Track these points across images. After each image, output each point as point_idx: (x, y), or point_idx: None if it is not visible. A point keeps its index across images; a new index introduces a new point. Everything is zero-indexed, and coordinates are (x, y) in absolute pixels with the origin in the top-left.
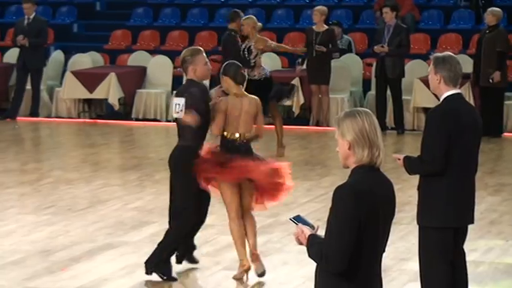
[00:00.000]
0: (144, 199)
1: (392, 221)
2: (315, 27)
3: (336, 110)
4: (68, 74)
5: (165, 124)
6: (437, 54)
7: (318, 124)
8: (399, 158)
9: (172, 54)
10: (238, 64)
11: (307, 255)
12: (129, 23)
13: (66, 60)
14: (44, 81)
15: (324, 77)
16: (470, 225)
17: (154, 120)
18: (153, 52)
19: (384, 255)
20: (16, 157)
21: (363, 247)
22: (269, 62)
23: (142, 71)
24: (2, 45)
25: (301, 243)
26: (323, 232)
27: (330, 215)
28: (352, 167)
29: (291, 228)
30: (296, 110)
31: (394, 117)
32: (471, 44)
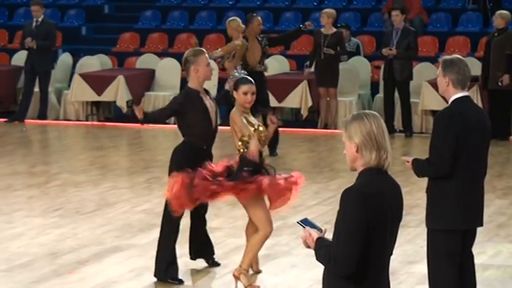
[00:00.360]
0: (152, 202)
1: (400, 223)
2: (323, 30)
3: (344, 113)
4: (76, 76)
5: (174, 127)
6: (445, 57)
7: (326, 127)
8: (408, 161)
9: (181, 57)
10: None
11: (315, 258)
12: (138, 25)
13: (75, 62)
14: (52, 84)
15: (332, 79)
16: (479, 228)
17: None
18: (161, 55)
19: (392, 258)
20: (24, 160)
21: (371, 250)
22: (277, 65)
23: (151, 74)
24: (11, 48)
25: (308, 247)
26: (331, 235)
27: (338, 218)
28: (359, 170)
29: (299, 231)
30: (304, 113)
31: (402, 119)
32: (479, 47)
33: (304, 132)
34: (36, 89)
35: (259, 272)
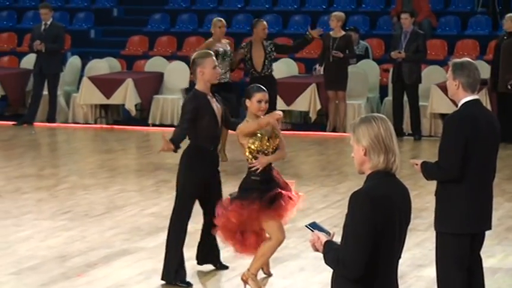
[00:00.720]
0: (160, 205)
1: (409, 227)
2: (332, 33)
3: (353, 116)
4: (85, 79)
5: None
6: (455, 60)
7: (334, 130)
8: (417, 164)
9: (189, 60)
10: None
11: (324, 262)
12: (146, 28)
13: (83, 65)
14: (61, 87)
15: (341, 82)
16: (487, 232)
17: (171, 125)
18: (170, 58)
19: (401, 262)
20: (33, 162)
21: (379, 253)
22: (285, 69)
23: (159, 77)
24: (20, 51)
25: (317, 250)
26: (339, 238)
27: (346, 221)
28: (367, 173)
29: (307, 234)
30: (313, 116)
31: (411, 123)
32: (488, 50)
33: (312, 135)
34: (45, 92)
35: (270, 275)
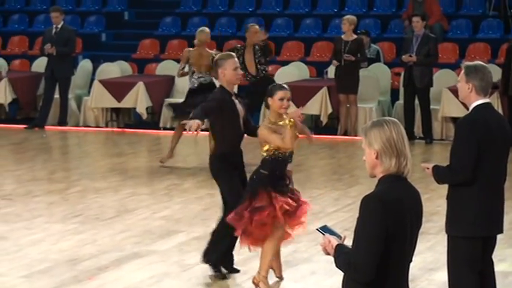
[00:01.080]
0: (172, 208)
1: (420, 230)
2: (343, 37)
3: (364, 120)
4: (96, 83)
5: (192, 134)
6: (468, 63)
7: (345, 133)
8: (428, 168)
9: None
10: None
11: (335, 265)
12: (158, 32)
13: (94, 69)
14: (72, 90)
15: (352, 86)
16: (499, 235)
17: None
18: None
19: (412, 265)
20: (44, 166)
21: (391, 256)
22: (297, 72)
23: (171, 80)
24: (31, 54)
25: (328, 254)
26: (350, 242)
27: (358, 225)
28: (379, 177)
29: (318, 238)
30: (324, 119)
31: (423, 126)
32: (500, 53)
33: (324, 138)
34: (56, 95)
35: (282, 279)
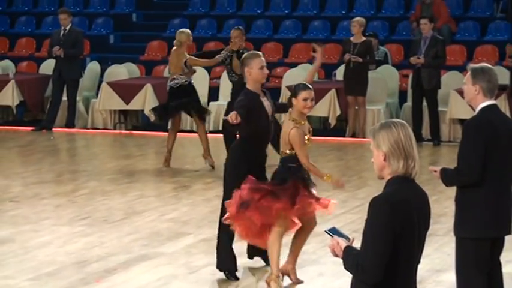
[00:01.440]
0: (179, 210)
1: (428, 232)
2: (352, 39)
3: (372, 121)
4: (104, 85)
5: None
6: (474, 65)
7: (354, 135)
8: (435, 170)
9: (209, 66)
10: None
11: (343, 267)
12: (166, 34)
13: (102, 71)
14: (80, 92)
15: (361, 88)
16: (507, 237)
17: (191, 131)
18: None
19: (420, 267)
20: (52, 168)
21: (399, 258)
22: (304, 74)
23: None
24: (38, 56)
25: (336, 255)
26: (359, 244)
27: (366, 227)
28: (387, 179)
29: (326, 239)
30: (332, 121)
31: (430, 128)
32: (507, 55)
33: (332, 140)
34: (64, 97)
35: (300, 282)
